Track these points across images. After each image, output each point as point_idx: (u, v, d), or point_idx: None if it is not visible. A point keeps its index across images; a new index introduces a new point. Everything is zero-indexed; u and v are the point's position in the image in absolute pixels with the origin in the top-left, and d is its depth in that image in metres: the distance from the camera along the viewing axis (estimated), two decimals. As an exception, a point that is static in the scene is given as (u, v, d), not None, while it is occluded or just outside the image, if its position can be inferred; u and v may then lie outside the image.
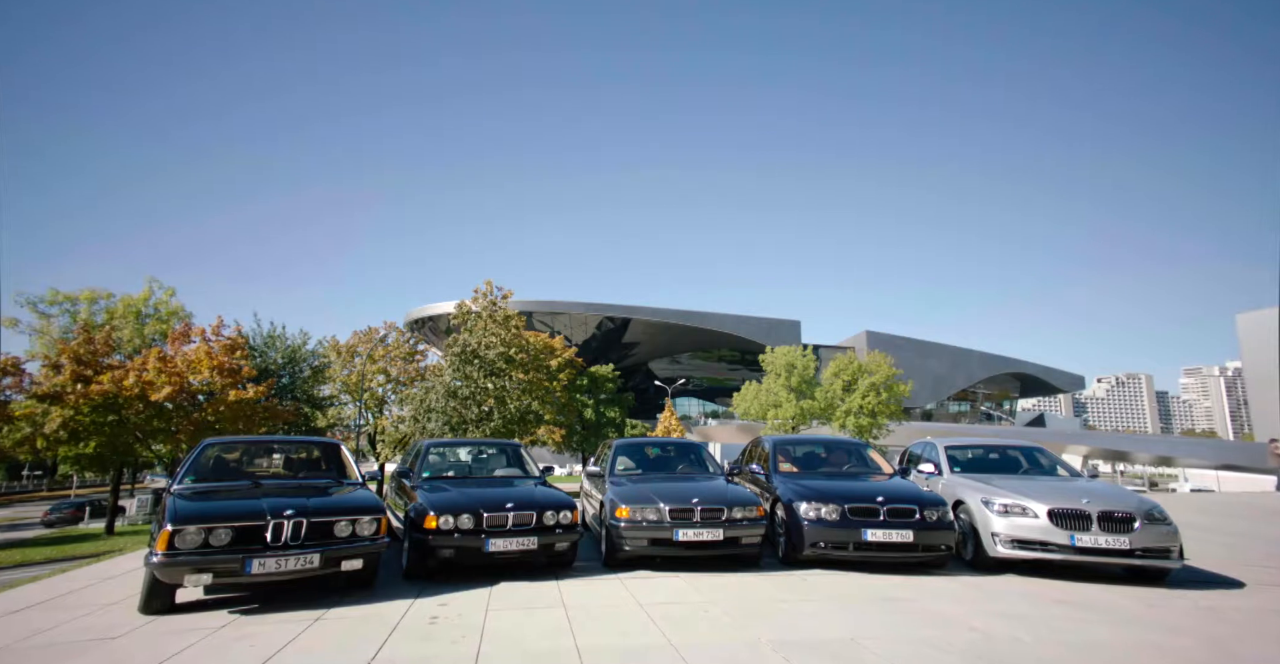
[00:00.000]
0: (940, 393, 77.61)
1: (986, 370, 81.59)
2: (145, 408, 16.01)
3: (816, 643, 4.39)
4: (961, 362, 78.42)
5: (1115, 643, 4.58)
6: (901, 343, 70.44)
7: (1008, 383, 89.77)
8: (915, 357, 70.18)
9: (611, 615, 4.94)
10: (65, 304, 24.74)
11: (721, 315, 63.55)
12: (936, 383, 74.91)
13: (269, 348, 23.59)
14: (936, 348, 76.67)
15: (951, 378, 77.32)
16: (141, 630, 4.59)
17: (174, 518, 4.71)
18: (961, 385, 79.75)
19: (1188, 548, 8.79)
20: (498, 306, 24.13)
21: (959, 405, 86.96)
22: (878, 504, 6.67)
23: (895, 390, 34.92)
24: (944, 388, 77.29)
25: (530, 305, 58.73)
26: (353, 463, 6.67)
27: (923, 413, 77.17)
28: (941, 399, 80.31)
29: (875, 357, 36.28)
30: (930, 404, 78.76)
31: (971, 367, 79.67)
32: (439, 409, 22.72)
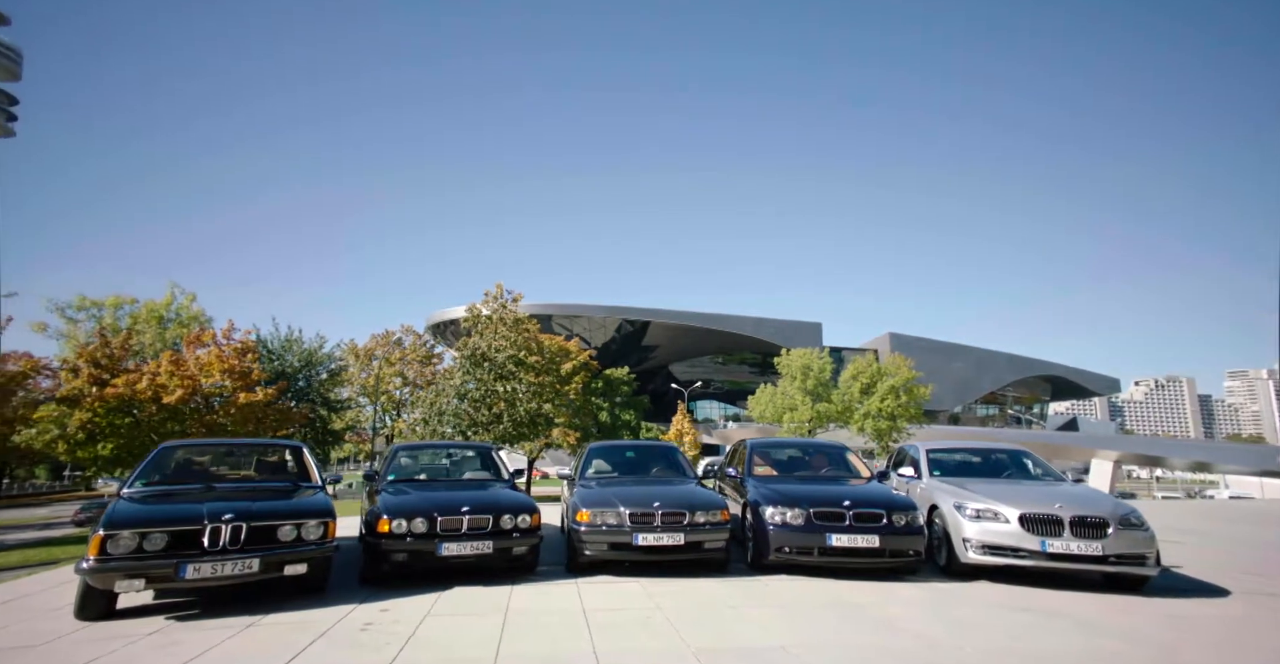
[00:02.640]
0: (966, 396, 75.95)
1: (1015, 373, 79.62)
2: (159, 410, 16.47)
3: (745, 651, 4.30)
4: (989, 364, 76.64)
5: (1061, 651, 4.43)
6: (926, 345, 69.11)
7: (1038, 386, 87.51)
8: (940, 359, 68.79)
9: (550, 622, 4.88)
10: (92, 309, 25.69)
11: (741, 318, 63.09)
12: (962, 385, 73.34)
13: (286, 351, 24.11)
14: (962, 350, 75.06)
15: (978, 380, 75.60)
16: (68, 638, 4.58)
17: (107, 522, 4.70)
18: (989, 388, 77.91)
19: (1187, 555, 8.52)
20: (508, 309, 24.28)
21: (987, 409, 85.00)
22: (844, 508, 6.53)
23: (915, 393, 34.33)
24: (970, 391, 75.61)
25: (549, 308, 59.04)
26: (314, 466, 6.68)
27: (949, 416, 75.59)
28: (968, 402, 78.58)
29: (895, 359, 35.74)
30: (957, 407, 77.12)
31: (999, 369, 77.82)
32: (450, 411, 22.93)
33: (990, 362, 77.06)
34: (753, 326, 61.55)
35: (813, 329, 62.41)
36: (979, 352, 76.93)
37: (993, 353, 78.33)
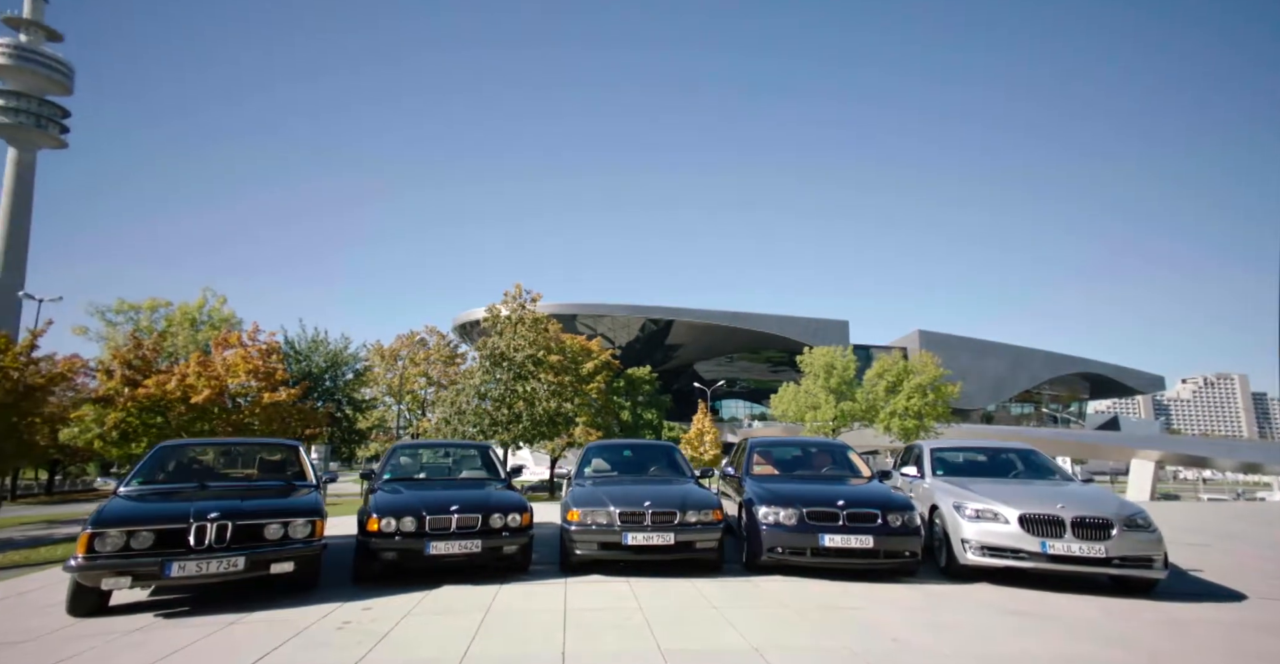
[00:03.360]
0: (1000, 394, 74.11)
1: (1051, 370, 77.39)
2: (187, 410, 16.99)
3: (715, 653, 4.25)
4: (1023, 361, 74.63)
5: (1042, 655, 4.31)
6: (957, 342, 67.65)
7: (1076, 384, 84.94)
8: (972, 357, 67.29)
9: (526, 622, 4.87)
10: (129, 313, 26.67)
11: (765, 316, 62.52)
12: (996, 383, 71.60)
13: (312, 352, 24.67)
14: (996, 347, 73.21)
15: (1013, 378, 73.67)
16: (56, 634, 4.67)
17: (95, 521, 4.81)
18: (1024, 386, 75.87)
19: (1212, 558, 8.20)
20: (527, 310, 24.45)
21: (1022, 407, 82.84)
22: (837, 508, 6.41)
23: (943, 391, 33.63)
24: (1004, 389, 73.75)
25: (574, 308, 59.29)
26: (310, 465, 6.79)
27: (983, 415, 73.90)
28: (1002, 400, 76.67)
29: (922, 356, 35.06)
30: (990, 406, 75.34)
31: (1034, 366, 75.72)
32: (470, 411, 23.18)
33: (1025, 359, 75.04)
34: (778, 325, 60.96)
35: (839, 327, 61.56)
36: (1013, 349, 74.96)
37: (1028, 350, 76.28)
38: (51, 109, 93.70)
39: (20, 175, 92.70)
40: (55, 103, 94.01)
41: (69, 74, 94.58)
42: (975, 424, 63.91)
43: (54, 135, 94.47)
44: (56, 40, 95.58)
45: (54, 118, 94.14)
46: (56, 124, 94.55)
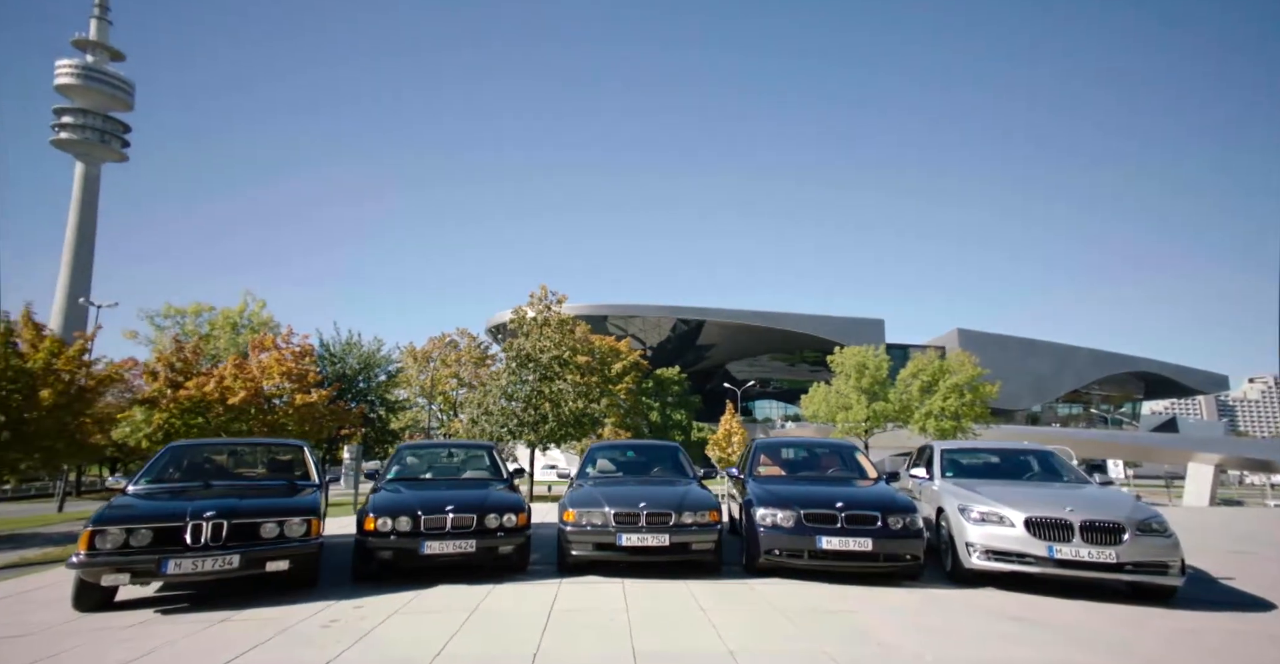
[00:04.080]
0: (1045, 394, 71.46)
1: (1101, 370, 74.29)
2: (225, 411, 17.66)
3: (688, 655, 4.20)
4: (1070, 360, 71.80)
5: (1029, 662, 4.17)
6: (998, 341, 65.56)
7: (1129, 383, 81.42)
8: (1014, 355, 65.14)
9: (509, 622, 4.88)
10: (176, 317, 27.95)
11: (798, 316, 61.65)
12: (1041, 383, 69.09)
13: (346, 354, 25.38)
14: (1040, 345, 70.62)
15: (1059, 378, 70.97)
16: (58, 628, 4.83)
17: (96, 519, 4.99)
18: (1071, 386, 73.01)
19: (1251, 566, 7.81)
20: (552, 311, 24.63)
21: (1069, 407, 79.72)
22: (836, 510, 6.28)
23: (981, 391, 32.69)
24: (1050, 389, 71.10)
25: (605, 309, 59.46)
26: (314, 465, 6.97)
27: (1027, 416, 71.43)
28: (1048, 401, 73.92)
29: (959, 355, 34.17)
30: (1035, 406, 72.74)
31: (1082, 365, 72.78)
32: (496, 411, 23.47)
33: (1072, 358, 72.24)
34: (811, 324, 60.06)
35: (874, 326, 60.29)
36: (1059, 347, 72.24)
37: (1074, 348, 73.42)
38: (114, 124, 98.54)
39: (86, 188, 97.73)
40: (117, 119, 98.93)
41: (130, 91, 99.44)
42: (1019, 425, 61.83)
43: (116, 149, 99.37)
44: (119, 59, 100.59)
45: (116, 133, 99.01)
46: (118, 139, 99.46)
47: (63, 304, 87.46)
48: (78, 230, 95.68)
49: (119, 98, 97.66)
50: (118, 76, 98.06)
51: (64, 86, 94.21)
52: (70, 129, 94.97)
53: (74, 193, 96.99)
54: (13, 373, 15.50)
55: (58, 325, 70.94)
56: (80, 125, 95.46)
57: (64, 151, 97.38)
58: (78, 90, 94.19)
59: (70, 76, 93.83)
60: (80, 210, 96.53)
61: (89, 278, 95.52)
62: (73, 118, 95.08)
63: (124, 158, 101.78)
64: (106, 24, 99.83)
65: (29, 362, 15.76)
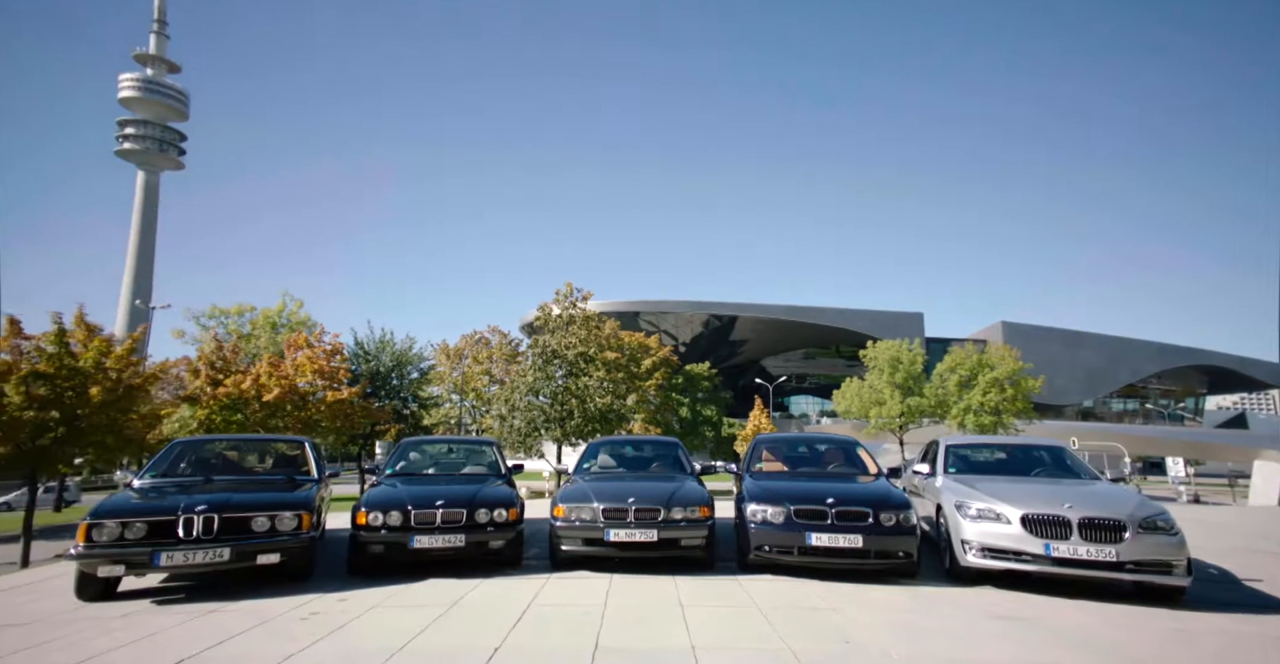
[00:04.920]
0: (1098, 388, 68.40)
1: (1159, 363, 70.69)
2: (260, 408, 18.33)
3: (648, 651, 4.17)
4: (1125, 353, 68.49)
5: (1003, 662, 4.05)
6: (1045, 333, 63.07)
7: (1191, 377, 77.33)
8: (1064, 348, 62.63)
9: (485, 616, 4.93)
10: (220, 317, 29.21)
11: (833, 310, 60.51)
12: (1093, 377, 66.16)
13: (380, 352, 26.06)
14: (1091, 338, 67.52)
15: (1112, 372, 67.82)
16: (57, 617, 5.04)
17: (94, 512, 5.20)
18: (1126, 380, 69.69)
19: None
20: (578, 308, 24.79)
21: (1125, 402, 76.17)
22: (826, 506, 6.16)
23: (1024, 386, 31.61)
24: (1102, 383, 68.01)
25: (636, 305, 59.48)
26: (314, 460, 7.15)
27: (1078, 411, 68.60)
28: (1100, 395, 70.76)
29: (998, 349, 33.10)
30: (1087, 401, 69.78)
31: (1138, 358, 69.37)
32: (522, 408, 23.74)
33: (1127, 350, 68.93)
34: (847, 318, 58.85)
35: (913, 319, 58.70)
36: (1112, 340, 68.98)
37: (1130, 340, 70.02)
38: (172, 134, 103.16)
39: (147, 195, 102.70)
40: (175, 128, 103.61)
41: (186, 102, 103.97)
42: (1069, 421, 59.54)
43: (174, 158, 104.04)
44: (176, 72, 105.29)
45: (174, 142, 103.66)
46: (176, 147, 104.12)
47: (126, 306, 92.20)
48: (139, 236, 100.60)
49: (176, 108, 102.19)
50: (175, 88, 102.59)
51: (126, 99, 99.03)
52: (132, 139, 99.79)
53: (135, 200, 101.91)
54: (66, 371, 16.39)
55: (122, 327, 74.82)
56: (141, 136, 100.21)
57: (127, 161, 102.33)
58: (139, 102, 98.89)
59: (132, 89, 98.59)
60: (141, 217, 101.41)
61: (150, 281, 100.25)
62: (134, 129, 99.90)
63: (181, 166, 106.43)
64: (164, 38, 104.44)
65: (81, 361, 16.64)
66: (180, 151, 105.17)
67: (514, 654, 4.11)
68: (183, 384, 26.42)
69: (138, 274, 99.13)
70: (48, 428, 16.46)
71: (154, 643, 4.33)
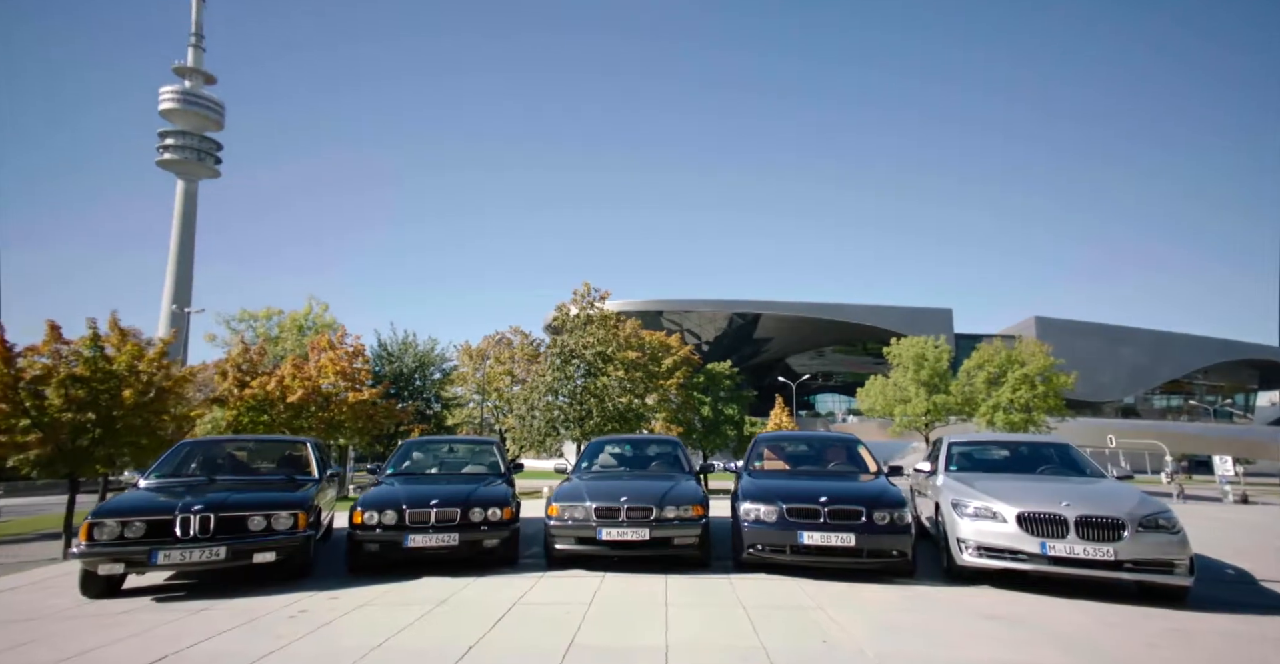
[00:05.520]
0: (1139, 384, 66.17)
1: (1205, 358, 68.14)
2: (285, 409, 18.80)
3: (620, 650, 4.16)
4: (1168, 347, 66.12)
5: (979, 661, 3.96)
6: (1082, 328, 61.20)
7: (1241, 372, 74.39)
8: (1102, 344, 60.76)
9: (469, 615, 4.96)
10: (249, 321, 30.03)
11: (858, 306, 59.65)
12: (1134, 373, 64.05)
13: (403, 353, 26.51)
14: (1132, 332, 65.33)
15: (1155, 367, 65.56)
16: (61, 613, 5.18)
17: (96, 512, 5.37)
18: (1170, 375, 67.31)
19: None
20: (595, 308, 24.89)
21: (1168, 399, 73.46)
22: (819, 505, 6.08)
23: (1056, 382, 30.76)
24: (1144, 379, 65.79)
25: (659, 304, 59.45)
26: (315, 460, 7.28)
27: (1118, 408, 66.47)
28: (1142, 391, 68.42)
29: (1029, 344, 32.29)
30: (1128, 398, 67.57)
31: (1182, 353, 66.92)
32: (540, 407, 23.91)
33: (1170, 345, 66.56)
34: (873, 315, 57.96)
35: (941, 316, 57.56)
36: (1154, 334, 66.67)
37: (1173, 335, 67.62)
38: (209, 144, 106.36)
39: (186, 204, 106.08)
40: (211, 138, 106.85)
41: (221, 112, 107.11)
42: (1106, 418, 57.71)
43: (211, 167, 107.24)
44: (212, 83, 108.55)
45: (210, 151, 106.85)
46: (212, 156, 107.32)
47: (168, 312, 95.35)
48: (179, 242, 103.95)
49: (212, 119, 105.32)
50: (211, 99, 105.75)
51: (167, 111, 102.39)
52: (172, 150, 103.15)
53: (175, 208, 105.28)
54: (101, 374, 17.02)
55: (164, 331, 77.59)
56: (180, 146, 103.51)
57: (167, 171, 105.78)
58: (178, 114, 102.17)
59: (172, 101, 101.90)
60: (181, 224, 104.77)
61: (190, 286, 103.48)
62: (174, 139, 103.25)
63: (218, 174, 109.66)
64: (201, 51, 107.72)
65: (114, 364, 17.26)
66: (217, 160, 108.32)
67: (488, 651, 4.14)
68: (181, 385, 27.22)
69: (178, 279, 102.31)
70: (85, 429, 17.11)
71: (142, 640, 4.44)
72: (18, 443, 16.19)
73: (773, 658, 3.99)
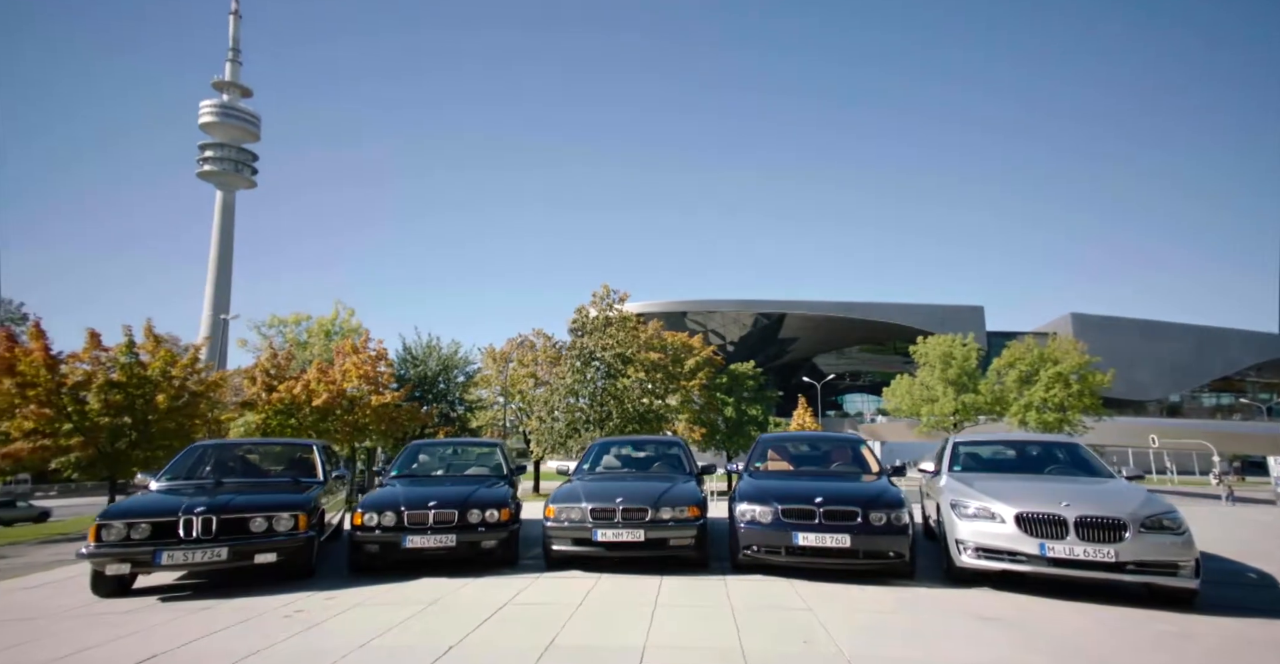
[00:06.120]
0: (1186, 382, 63.69)
1: (1257, 354, 65.26)
2: (311, 412, 19.27)
3: (598, 650, 4.18)
4: (1216, 344, 63.52)
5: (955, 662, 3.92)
6: (1122, 325, 59.20)
7: (1296, 368, 70.94)
8: (1143, 340, 58.72)
9: (458, 615, 5.00)
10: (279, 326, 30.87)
11: (886, 305, 58.63)
12: (1179, 370, 61.70)
13: (427, 357, 26.92)
14: (1176, 328, 62.91)
15: (1202, 364, 63.04)
16: (67, 613, 5.34)
17: (103, 514, 5.56)
18: (1219, 373, 64.65)
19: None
20: (614, 309, 24.94)
21: (1218, 397, 70.51)
22: (814, 506, 6.01)
23: (1091, 380, 29.85)
24: (1191, 376, 63.31)
25: (683, 305, 59.30)
26: (319, 463, 7.41)
27: (1164, 407, 64.10)
28: (1188, 390, 65.82)
29: (1063, 341, 31.43)
30: (1174, 396, 65.11)
31: (1232, 349, 64.23)
32: (560, 409, 24.06)
33: (1218, 341, 63.98)
34: (901, 313, 56.89)
35: (973, 313, 56.24)
36: (1200, 330, 64.13)
37: (1222, 330, 64.99)
38: (245, 155, 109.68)
39: (224, 214, 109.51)
40: (248, 149, 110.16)
41: (257, 124, 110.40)
42: (1150, 417, 55.68)
43: (247, 178, 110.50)
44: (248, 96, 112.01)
45: (247, 162, 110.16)
46: (249, 167, 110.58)
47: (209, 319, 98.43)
48: (218, 251, 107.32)
49: (249, 130, 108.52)
50: (248, 111, 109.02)
51: (206, 124, 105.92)
52: (211, 162, 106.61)
53: (214, 218, 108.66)
54: (137, 380, 17.68)
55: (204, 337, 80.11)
56: (218, 158, 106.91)
57: (207, 182, 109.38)
58: (217, 127, 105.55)
59: (211, 115, 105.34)
60: (220, 233, 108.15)
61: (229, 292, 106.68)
62: (213, 151, 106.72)
63: (253, 184, 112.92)
64: (238, 65, 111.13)
65: (149, 370, 17.92)
66: (253, 171, 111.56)
67: (466, 651, 4.18)
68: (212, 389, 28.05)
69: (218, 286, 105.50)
70: (123, 433, 17.78)
71: (138, 638, 4.58)
72: (61, 446, 16.88)
73: (749, 658, 3.97)
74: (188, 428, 18.97)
